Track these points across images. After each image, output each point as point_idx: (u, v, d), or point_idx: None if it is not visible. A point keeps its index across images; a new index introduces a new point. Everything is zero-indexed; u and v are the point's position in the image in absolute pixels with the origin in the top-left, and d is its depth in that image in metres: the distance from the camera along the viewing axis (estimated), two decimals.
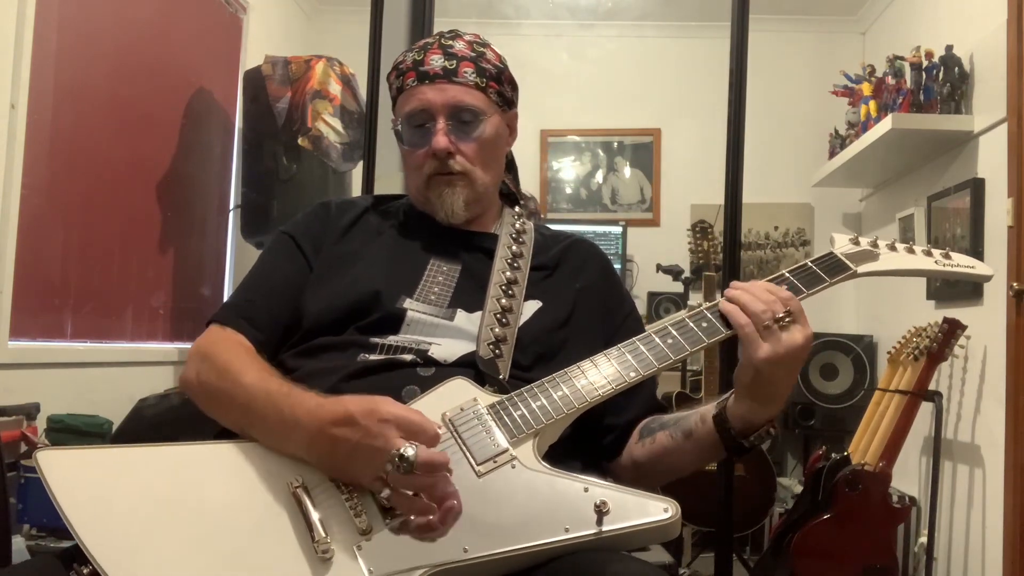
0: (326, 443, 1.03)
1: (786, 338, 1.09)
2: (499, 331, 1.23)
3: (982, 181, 3.04)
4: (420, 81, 1.31)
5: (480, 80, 1.33)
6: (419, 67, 1.31)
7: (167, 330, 3.22)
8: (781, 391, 1.13)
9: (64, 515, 0.99)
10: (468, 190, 1.33)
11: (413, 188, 1.38)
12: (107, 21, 2.81)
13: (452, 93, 1.30)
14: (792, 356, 1.09)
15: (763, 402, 1.13)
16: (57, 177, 2.58)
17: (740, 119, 2.25)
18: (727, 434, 1.15)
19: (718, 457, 1.22)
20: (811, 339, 1.11)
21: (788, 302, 1.11)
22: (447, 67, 1.31)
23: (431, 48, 1.33)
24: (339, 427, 1.02)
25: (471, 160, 1.32)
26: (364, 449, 1.00)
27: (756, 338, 1.10)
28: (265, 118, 3.22)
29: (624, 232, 4.35)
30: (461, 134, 1.31)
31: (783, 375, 1.11)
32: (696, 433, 1.19)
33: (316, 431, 1.04)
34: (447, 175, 1.32)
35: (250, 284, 1.33)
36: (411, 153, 1.34)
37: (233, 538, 1.00)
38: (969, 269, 1.28)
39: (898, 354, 2.99)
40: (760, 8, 2.43)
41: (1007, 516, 2.73)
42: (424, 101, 1.30)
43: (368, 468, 1.00)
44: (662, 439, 1.23)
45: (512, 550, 0.98)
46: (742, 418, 1.15)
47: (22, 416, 2.35)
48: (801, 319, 1.11)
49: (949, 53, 3.17)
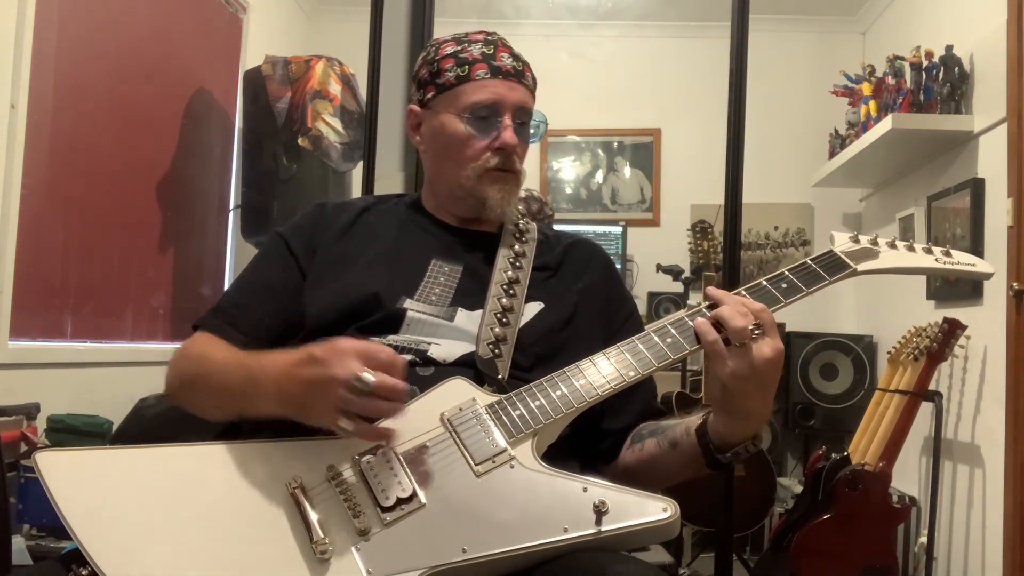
0: (291, 384, 1.05)
1: (755, 351, 1.06)
2: (499, 331, 1.23)
3: (982, 181, 3.04)
4: (494, 75, 1.31)
5: (533, 86, 1.37)
6: (491, 61, 1.32)
7: (167, 330, 3.22)
8: (755, 407, 1.10)
9: (63, 516, 0.99)
10: (517, 189, 1.36)
11: (453, 180, 1.34)
12: (107, 21, 2.81)
13: (521, 94, 1.33)
14: (760, 371, 1.06)
15: (737, 418, 1.11)
16: (57, 177, 2.58)
17: (740, 119, 2.25)
18: (707, 448, 1.15)
19: (701, 471, 1.19)
20: (782, 353, 1.07)
21: (759, 314, 1.08)
22: (516, 67, 1.33)
23: (498, 45, 1.34)
24: (301, 367, 1.04)
25: (522, 161, 1.35)
26: (320, 380, 1.02)
27: (722, 352, 1.07)
28: (265, 118, 3.22)
29: (624, 232, 4.35)
30: (520, 135, 1.33)
31: (753, 390, 1.08)
32: (681, 444, 1.19)
33: (282, 376, 1.06)
34: (505, 171, 1.32)
35: (238, 287, 1.34)
36: (468, 143, 1.31)
37: (231, 539, 1.00)
38: (969, 267, 1.27)
39: (898, 354, 2.99)
40: (760, 8, 2.42)
41: (1007, 516, 2.73)
42: (497, 95, 1.31)
43: (325, 398, 1.01)
44: (650, 447, 1.23)
45: (511, 550, 0.98)
46: (719, 434, 1.14)
47: (22, 416, 2.35)
48: (771, 332, 1.07)
49: (949, 53, 3.17)
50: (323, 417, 1.04)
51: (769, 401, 1.11)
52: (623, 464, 1.27)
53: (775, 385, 1.10)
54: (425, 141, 1.38)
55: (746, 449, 1.14)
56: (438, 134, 1.34)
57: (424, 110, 1.37)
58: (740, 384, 1.07)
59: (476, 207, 1.34)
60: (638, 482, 1.22)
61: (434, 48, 1.36)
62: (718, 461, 1.15)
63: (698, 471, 1.20)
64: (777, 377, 1.09)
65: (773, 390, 1.11)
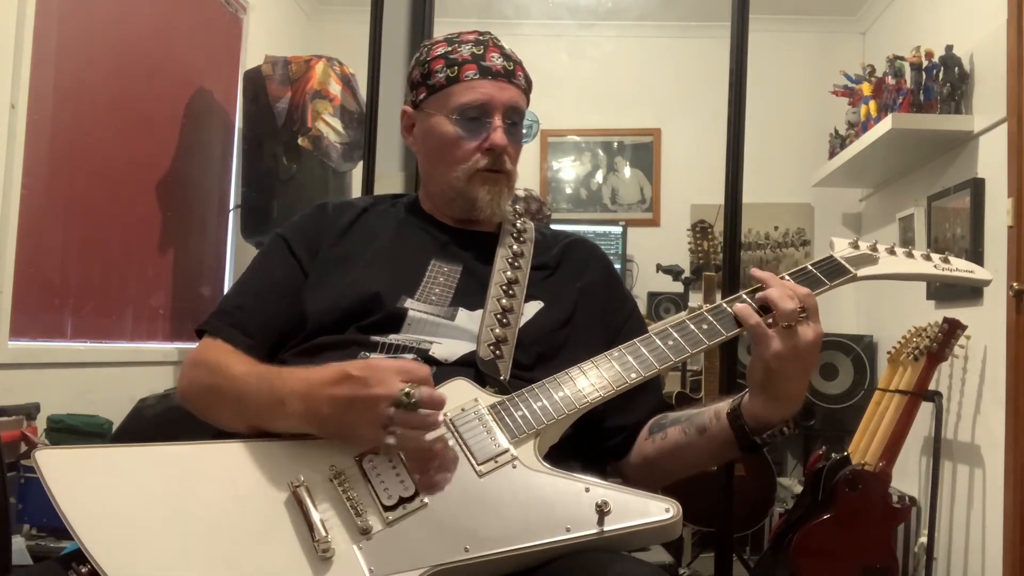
0: (323, 404, 1.04)
1: (801, 333, 1.09)
2: (499, 331, 1.23)
3: (982, 181, 3.04)
4: (483, 76, 1.31)
5: (526, 86, 1.37)
6: (480, 61, 1.32)
7: (167, 330, 3.22)
8: (794, 389, 1.13)
9: (63, 515, 0.99)
10: (508, 190, 1.35)
11: (444, 181, 1.35)
12: (107, 21, 2.81)
13: (511, 94, 1.33)
14: (803, 353, 1.10)
15: (777, 400, 1.13)
16: (57, 177, 2.57)
17: (740, 119, 2.25)
18: (741, 431, 1.16)
19: (731, 455, 1.22)
20: (821, 336, 1.11)
21: (805, 299, 1.11)
22: (507, 67, 1.33)
23: (488, 45, 1.34)
24: (335, 386, 1.04)
25: (513, 161, 1.35)
26: (363, 399, 1.01)
27: (767, 334, 1.10)
28: (265, 118, 3.22)
29: (624, 232, 4.35)
30: (511, 135, 1.32)
31: (795, 372, 1.11)
32: (710, 430, 1.19)
33: (311, 394, 1.05)
34: (495, 172, 1.32)
35: (241, 289, 1.34)
36: (458, 145, 1.32)
37: (233, 538, 1.00)
38: (968, 273, 1.28)
39: (898, 354, 2.99)
40: (760, 8, 2.42)
41: (1007, 516, 2.73)
42: (486, 95, 1.30)
43: (370, 416, 1.01)
44: (674, 435, 1.23)
45: (513, 550, 0.98)
46: (756, 416, 1.15)
47: (22, 416, 2.34)
48: (814, 316, 1.11)
49: (949, 53, 3.17)
50: (366, 435, 1.03)
51: (806, 383, 1.15)
52: (644, 455, 1.27)
53: (814, 367, 1.15)
54: (418, 142, 1.39)
55: (781, 431, 1.16)
56: (429, 135, 1.35)
57: (416, 111, 1.37)
58: (783, 364, 1.10)
59: (467, 208, 1.35)
60: (660, 471, 1.24)
61: (426, 49, 1.37)
62: (753, 443, 1.16)
63: (727, 456, 1.23)
64: (816, 360, 1.13)
65: (810, 373, 1.15)
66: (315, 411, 1.05)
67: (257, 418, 1.11)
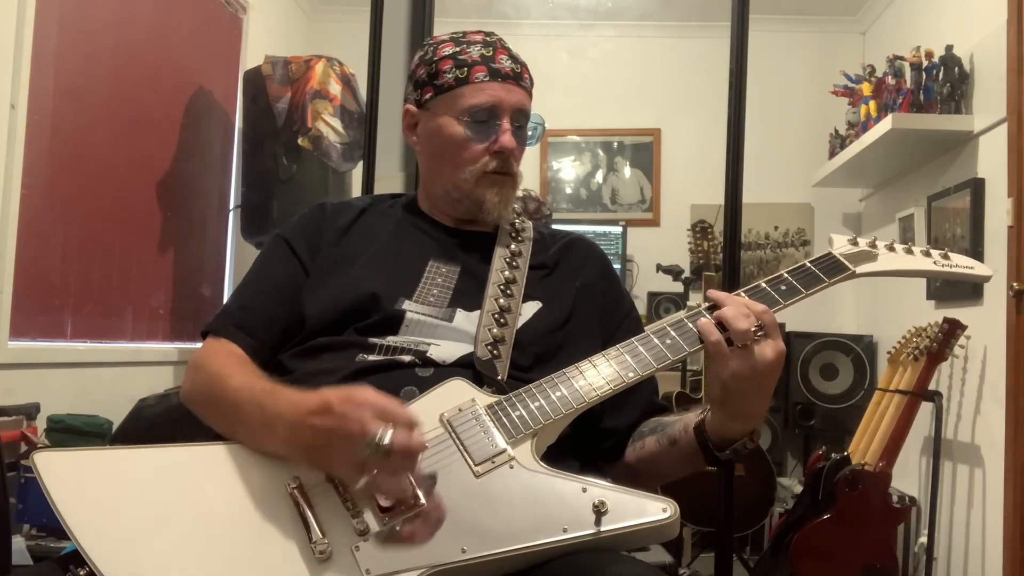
0: (306, 433, 1.02)
1: (757, 353, 1.07)
2: (497, 331, 1.23)
3: (982, 181, 3.04)
4: (493, 78, 1.31)
5: (531, 87, 1.37)
6: (490, 63, 1.31)
7: (167, 330, 3.22)
8: (753, 408, 1.11)
9: (61, 516, 0.99)
10: (513, 192, 1.35)
11: (450, 182, 1.34)
12: (107, 21, 2.81)
13: (519, 96, 1.32)
14: (762, 372, 1.07)
15: (735, 417, 1.12)
16: (57, 177, 2.58)
17: (740, 119, 2.25)
18: (705, 445, 1.16)
19: (701, 466, 1.21)
20: (783, 354, 1.08)
21: (762, 316, 1.08)
22: (515, 70, 1.33)
23: (497, 47, 1.34)
24: (317, 416, 1.01)
25: (519, 163, 1.35)
26: (341, 435, 0.99)
27: (724, 353, 1.07)
28: (265, 118, 3.22)
29: (624, 232, 4.35)
30: (517, 138, 1.33)
31: (752, 391, 1.09)
32: (679, 442, 1.20)
33: (296, 422, 1.03)
34: (503, 175, 1.32)
35: (244, 290, 1.33)
36: (466, 146, 1.31)
37: (231, 539, 1.00)
38: (968, 269, 1.28)
39: (898, 354, 2.99)
40: (760, 8, 2.42)
41: (1007, 516, 2.73)
42: (496, 97, 1.30)
43: (345, 454, 0.99)
44: (650, 444, 1.24)
45: (510, 550, 0.98)
46: (717, 432, 1.15)
47: (22, 416, 2.35)
48: (773, 334, 1.08)
49: (949, 53, 3.17)
50: (338, 469, 1.02)
51: (767, 402, 1.11)
52: (626, 462, 1.27)
53: (774, 386, 1.11)
54: (421, 142, 1.38)
55: (744, 446, 1.14)
56: (435, 136, 1.34)
57: (421, 111, 1.36)
58: (740, 384, 1.08)
59: (473, 209, 1.34)
60: (640, 479, 1.23)
61: (432, 48, 1.35)
62: (717, 458, 1.16)
63: (698, 467, 1.21)
64: (776, 378, 1.09)
65: (771, 391, 1.11)
66: (299, 439, 1.03)
67: (247, 438, 1.09)
